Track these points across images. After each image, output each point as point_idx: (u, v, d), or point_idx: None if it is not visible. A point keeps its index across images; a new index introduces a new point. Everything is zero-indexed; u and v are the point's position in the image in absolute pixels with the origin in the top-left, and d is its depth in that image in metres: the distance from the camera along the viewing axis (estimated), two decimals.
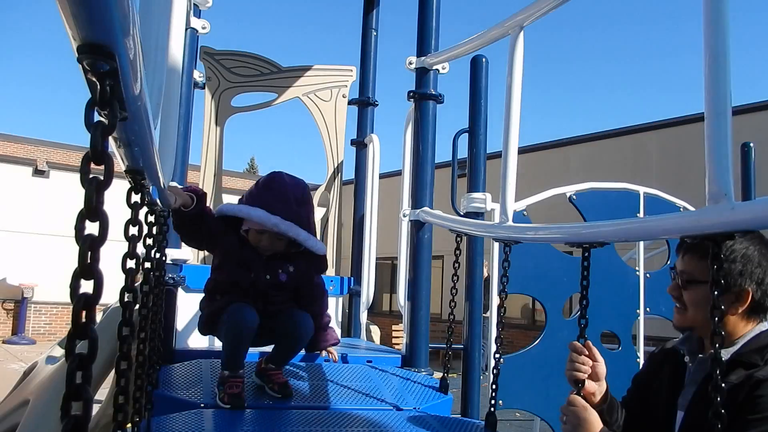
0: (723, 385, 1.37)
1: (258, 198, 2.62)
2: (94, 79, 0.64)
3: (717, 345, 1.36)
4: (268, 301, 2.60)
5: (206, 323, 2.64)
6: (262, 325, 2.52)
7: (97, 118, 0.69)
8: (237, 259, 2.59)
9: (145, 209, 1.63)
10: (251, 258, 2.60)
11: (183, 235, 2.63)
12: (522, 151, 2.57)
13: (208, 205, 2.64)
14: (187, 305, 3.47)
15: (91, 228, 0.67)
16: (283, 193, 2.64)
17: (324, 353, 2.95)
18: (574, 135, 17.53)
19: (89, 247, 0.65)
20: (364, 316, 4.50)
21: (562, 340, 4.09)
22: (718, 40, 1.38)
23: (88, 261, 0.65)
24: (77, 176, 0.68)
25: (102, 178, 0.67)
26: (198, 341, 3.54)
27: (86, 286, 0.67)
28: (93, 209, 0.65)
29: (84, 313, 0.65)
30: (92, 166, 0.69)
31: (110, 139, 0.92)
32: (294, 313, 2.63)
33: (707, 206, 1.35)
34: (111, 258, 1.15)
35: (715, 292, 1.37)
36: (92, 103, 0.66)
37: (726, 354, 1.58)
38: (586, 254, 1.87)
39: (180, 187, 2.62)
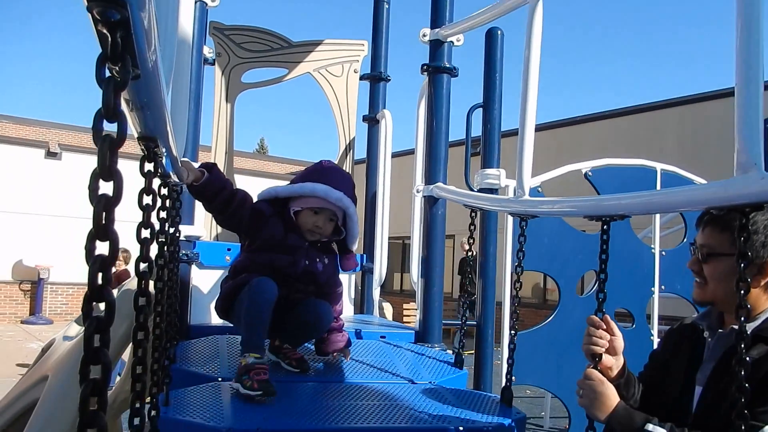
0: (747, 359, 1.35)
1: (316, 177, 2.60)
2: (104, 30, 0.61)
3: (742, 318, 1.34)
4: (296, 288, 2.56)
5: (226, 299, 2.57)
6: (279, 315, 2.46)
7: (108, 74, 0.67)
8: (281, 243, 2.54)
9: (158, 181, 1.62)
10: (295, 243, 2.56)
11: (214, 213, 2.54)
12: (538, 128, 2.53)
13: (229, 184, 2.56)
14: (202, 282, 3.48)
15: (106, 188, 0.65)
16: (342, 174, 2.68)
17: (334, 355, 2.78)
18: (589, 112, 17.36)
19: (104, 207, 0.62)
20: (377, 293, 4.49)
21: (575, 318, 4.07)
22: (751, 6, 1.33)
23: (103, 222, 0.62)
24: (90, 158, 0.66)
25: (115, 136, 0.64)
26: (213, 318, 3.55)
27: (101, 249, 0.64)
28: (107, 168, 0.63)
29: (100, 275, 0.63)
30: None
31: (123, 100, 0.89)
32: (318, 303, 2.60)
33: (735, 176, 1.31)
34: (124, 238, 1.14)
35: (742, 264, 1.34)
36: (104, 57, 0.63)
37: (747, 329, 1.55)
38: (606, 228, 1.84)
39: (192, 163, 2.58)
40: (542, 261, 4.18)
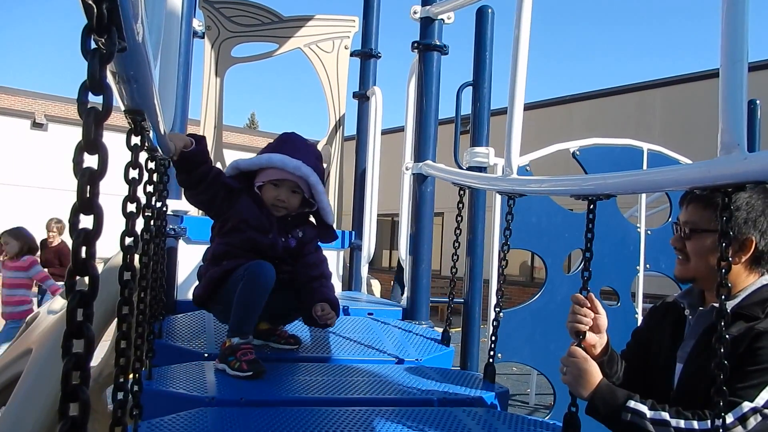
0: (726, 336, 1.37)
1: (276, 149, 2.50)
2: (90, 1, 0.60)
3: (723, 297, 1.36)
4: (279, 268, 2.41)
5: (209, 287, 2.44)
6: (270, 297, 2.36)
7: (94, 46, 0.66)
8: (253, 221, 2.43)
9: (145, 155, 1.61)
10: (267, 219, 2.46)
11: (189, 188, 2.40)
12: (526, 107, 2.53)
13: (210, 160, 2.47)
14: (189, 257, 3.47)
15: (91, 162, 0.65)
16: (303, 144, 2.56)
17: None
18: (578, 92, 17.35)
19: (88, 180, 0.62)
20: (365, 270, 4.51)
21: (561, 296, 4.11)
22: None
23: (88, 195, 0.62)
24: (77, 130, 0.65)
25: (100, 109, 0.64)
26: None
27: (86, 222, 0.64)
28: (91, 141, 0.62)
29: (84, 249, 0.63)
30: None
31: (109, 73, 0.89)
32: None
33: (719, 156, 1.32)
34: (111, 213, 1.14)
35: (723, 244, 1.35)
36: (89, 28, 0.62)
37: (727, 307, 1.58)
38: (592, 207, 1.85)
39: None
40: (530, 239, 4.21)
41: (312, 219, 2.67)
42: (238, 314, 2.28)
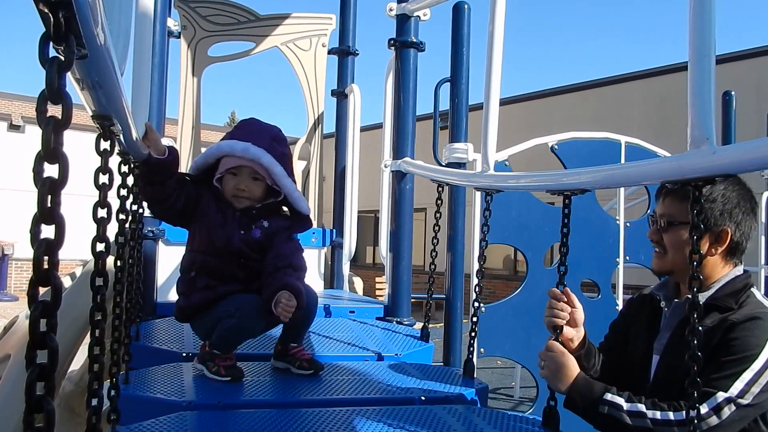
0: (700, 328, 1.39)
1: (228, 137, 2.33)
2: (46, 10, 0.60)
3: (695, 289, 1.38)
4: (244, 265, 2.26)
5: (184, 313, 2.29)
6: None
7: (53, 54, 0.65)
8: (212, 216, 2.26)
9: (117, 159, 1.60)
10: (225, 214, 2.27)
11: (151, 200, 2.21)
12: (504, 102, 2.54)
13: (182, 166, 2.38)
14: (168, 258, 3.45)
15: (51, 171, 0.64)
16: (255, 126, 2.36)
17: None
18: (556, 86, 17.46)
19: (49, 190, 0.62)
20: (346, 268, 4.50)
21: (543, 289, 4.11)
22: None
23: (49, 205, 0.62)
24: None
25: (60, 117, 0.63)
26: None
27: (48, 232, 0.64)
28: (51, 151, 0.62)
29: (46, 258, 0.62)
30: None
31: (73, 80, 0.88)
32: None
33: (689, 151, 1.33)
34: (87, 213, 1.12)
35: (695, 237, 1.37)
36: (46, 36, 0.62)
37: (701, 298, 1.60)
38: (567, 202, 1.87)
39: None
40: (510, 234, 4.24)
41: (286, 210, 2.43)
42: (219, 343, 2.18)
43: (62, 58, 0.64)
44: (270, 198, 2.33)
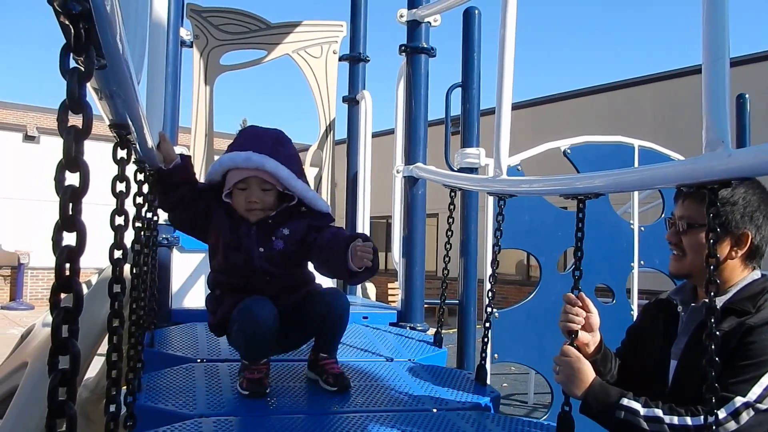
0: (717, 333, 1.38)
1: (228, 149, 2.24)
2: (66, 22, 0.61)
3: (712, 293, 1.37)
4: (270, 282, 2.18)
5: (215, 329, 2.29)
6: (283, 325, 2.15)
7: (73, 64, 0.66)
8: (226, 236, 2.19)
9: (133, 167, 1.61)
10: (240, 232, 2.18)
11: (165, 208, 2.22)
12: (515, 106, 2.53)
13: (197, 173, 2.27)
14: (183, 266, 3.48)
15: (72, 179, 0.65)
16: (254, 133, 2.27)
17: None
18: (567, 90, 17.40)
19: (70, 198, 0.63)
20: None
21: (556, 294, 4.11)
22: None
23: (70, 213, 0.63)
24: None
25: (81, 126, 0.64)
26: (195, 301, 3.56)
27: (69, 239, 0.65)
28: (72, 159, 0.63)
29: (68, 265, 0.63)
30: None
31: (92, 90, 0.89)
32: (318, 294, 2.26)
33: (704, 154, 1.33)
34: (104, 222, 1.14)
35: (711, 240, 1.36)
36: (66, 47, 0.63)
37: (719, 302, 1.59)
38: (581, 206, 1.86)
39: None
40: (523, 239, 4.21)
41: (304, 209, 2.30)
42: (241, 353, 2.18)
43: (82, 69, 0.66)
44: (284, 203, 2.24)
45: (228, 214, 2.20)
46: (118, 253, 1.10)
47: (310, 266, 2.35)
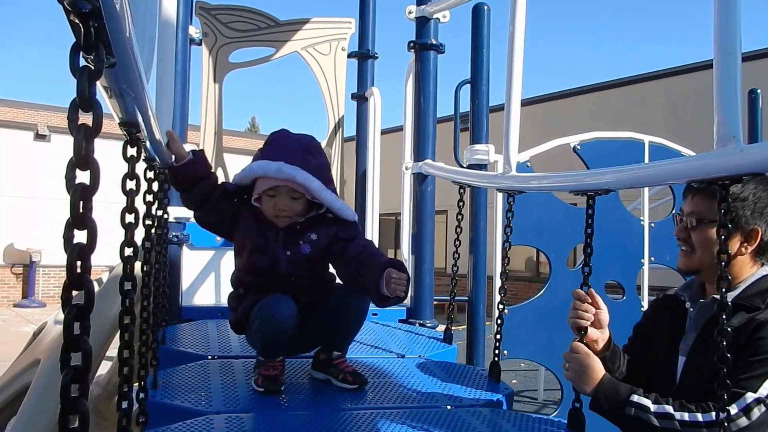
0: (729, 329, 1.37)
1: (259, 156, 2.24)
2: (76, 20, 0.61)
3: (723, 289, 1.36)
4: (293, 283, 2.20)
5: (235, 327, 2.31)
6: (303, 325, 2.17)
7: (83, 63, 0.67)
8: (253, 239, 2.21)
9: (143, 165, 1.62)
10: (267, 235, 2.20)
11: (194, 208, 2.22)
12: (525, 103, 2.52)
13: (211, 174, 2.25)
14: (193, 263, 3.49)
15: (83, 177, 0.65)
16: (285, 141, 2.25)
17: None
18: (577, 86, 17.33)
19: (81, 196, 0.63)
20: None
21: (566, 291, 4.07)
22: None
23: (81, 210, 0.63)
24: None
25: (91, 125, 0.65)
26: (205, 298, 3.57)
27: (80, 237, 0.65)
28: (83, 158, 0.63)
29: (79, 263, 0.63)
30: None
31: (101, 88, 0.90)
32: (337, 290, 2.27)
33: (715, 149, 1.32)
34: (114, 220, 1.15)
35: (722, 236, 1.36)
36: (76, 46, 0.63)
37: (728, 298, 1.58)
38: (591, 202, 1.86)
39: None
40: (532, 235, 4.21)
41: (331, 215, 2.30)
42: (259, 350, 2.20)
43: (92, 67, 0.66)
44: (313, 211, 2.25)
45: (256, 218, 2.23)
46: (128, 251, 1.11)
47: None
